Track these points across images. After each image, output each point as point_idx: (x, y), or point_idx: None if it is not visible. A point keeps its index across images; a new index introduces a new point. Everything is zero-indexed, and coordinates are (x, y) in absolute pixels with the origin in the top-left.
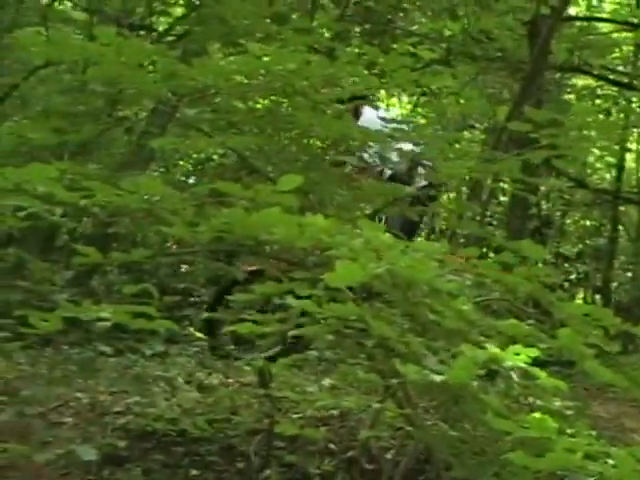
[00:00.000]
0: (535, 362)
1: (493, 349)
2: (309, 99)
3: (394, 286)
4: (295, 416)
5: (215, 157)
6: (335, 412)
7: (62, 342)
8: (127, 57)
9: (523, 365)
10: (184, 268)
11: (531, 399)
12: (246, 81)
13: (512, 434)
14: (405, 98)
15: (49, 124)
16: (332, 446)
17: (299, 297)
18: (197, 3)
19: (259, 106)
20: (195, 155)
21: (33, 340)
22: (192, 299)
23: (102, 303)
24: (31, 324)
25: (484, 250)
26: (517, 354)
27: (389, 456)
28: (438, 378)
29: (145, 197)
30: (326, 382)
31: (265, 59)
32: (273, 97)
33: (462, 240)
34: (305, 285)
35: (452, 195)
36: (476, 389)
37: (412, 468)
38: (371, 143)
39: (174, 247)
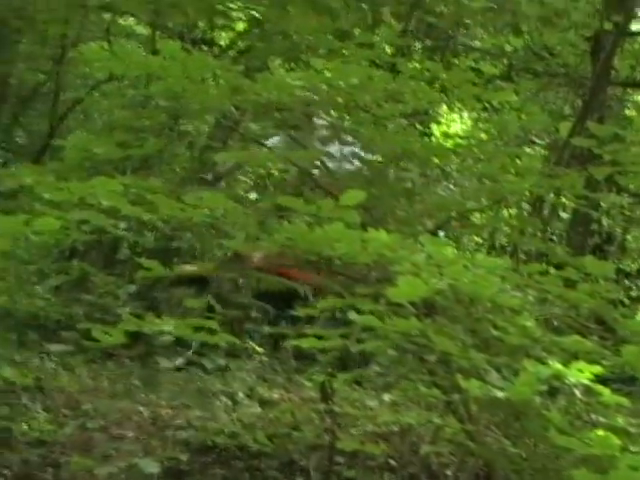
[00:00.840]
0: (597, 379)
1: (556, 365)
2: (371, 114)
3: (456, 301)
4: (355, 431)
5: (275, 172)
6: (395, 428)
7: (124, 355)
8: (191, 72)
9: (586, 382)
10: (244, 282)
11: (594, 416)
12: (310, 96)
13: (575, 451)
14: (465, 114)
15: (113, 138)
16: (392, 462)
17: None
18: (259, 19)
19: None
20: (255, 170)
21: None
22: (253, 313)
23: (164, 317)
24: (94, 337)
25: (545, 266)
26: (580, 371)
27: (449, 472)
28: (501, 394)
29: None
30: (386, 397)
31: (327, 74)
32: (335, 112)
33: (523, 256)
34: (367, 300)
35: (513, 211)
36: (539, 405)
37: None
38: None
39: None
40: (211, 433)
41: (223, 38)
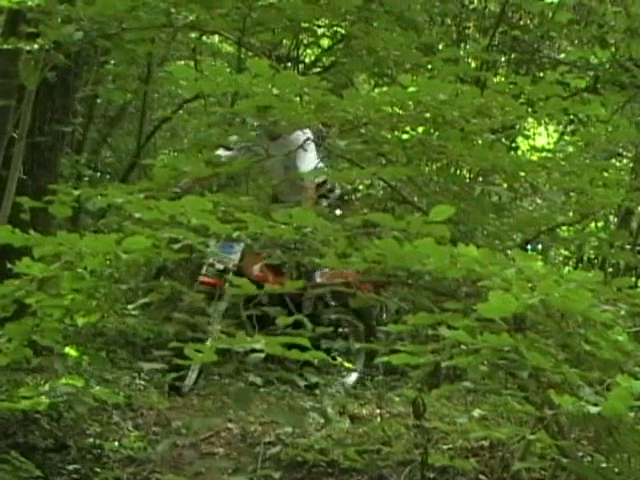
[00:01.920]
0: None
1: None
2: (460, 129)
3: (548, 316)
4: (445, 447)
5: (361, 187)
6: (485, 443)
7: (214, 373)
8: (278, 88)
9: None
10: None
11: None
12: (396, 111)
13: None
14: (551, 127)
15: (201, 157)
16: (482, 477)
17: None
18: (344, 34)
19: (406, 136)
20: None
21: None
22: (341, 330)
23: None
24: (185, 355)
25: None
26: None
27: None
28: (594, 409)
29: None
30: (476, 413)
31: (412, 89)
32: (423, 127)
33: (611, 269)
34: (458, 316)
35: (600, 224)
36: (632, 420)
37: None
38: None
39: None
40: (301, 449)
41: (308, 55)
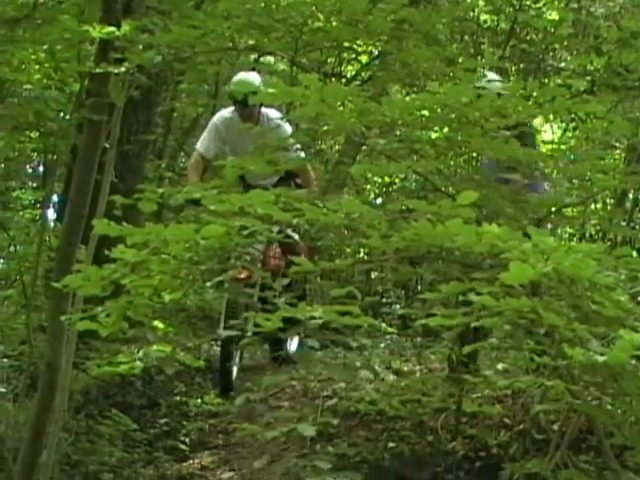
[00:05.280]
0: None
1: None
2: (480, 127)
3: (560, 282)
4: (475, 396)
5: (397, 181)
6: (508, 391)
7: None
8: (327, 98)
9: None
10: (374, 275)
11: None
12: (426, 114)
13: None
14: (555, 125)
15: (264, 157)
16: (507, 420)
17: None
18: (380, 51)
19: (435, 135)
20: (379, 180)
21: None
22: (383, 300)
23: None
24: (256, 324)
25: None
26: None
27: (556, 427)
28: (601, 359)
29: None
30: (500, 366)
31: (439, 95)
32: (449, 127)
33: (608, 242)
34: (484, 284)
35: (599, 205)
36: (633, 368)
37: (576, 437)
38: None
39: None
40: (354, 401)
41: (349, 70)
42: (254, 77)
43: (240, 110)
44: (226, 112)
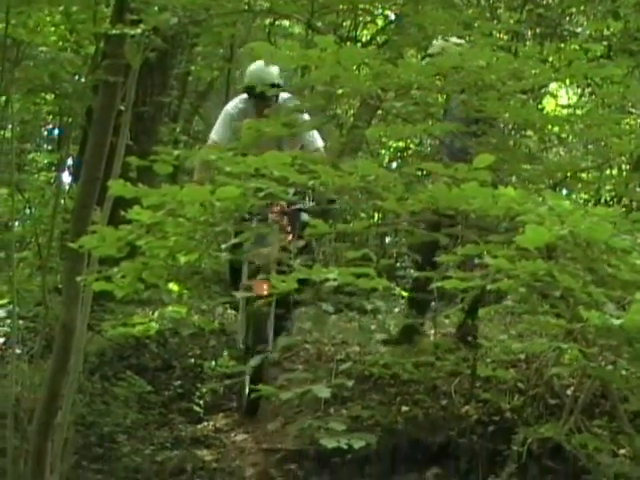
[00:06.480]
0: None
1: None
2: (496, 90)
3: (575, 245)
4: (489, 360)
5: (412, 146)
6: (522, 356)
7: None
8: (343, 60)
9: None
10: (388, 239)
11: None
12: (442, 77)
13: None
14: (570, 90)
15: (279, 119)
16: (520, 385)
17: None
18: (396, 14)
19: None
20: (394, 145)
21: None
22: (397, 263)
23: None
24: (272, 285)
25: None
26: None
27: (569, 392)
28: (616, 322)
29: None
30: (513, 331)
31: (456, 58)
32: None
33: (623, 208)
34: (499, 247)
35: (614, 170)
36: None
37: (590, 402)
38: None
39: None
40: (368, 364)
41: (364, 35)
42: (272, 69)
43: (257, 103)
44: (239, 101)
